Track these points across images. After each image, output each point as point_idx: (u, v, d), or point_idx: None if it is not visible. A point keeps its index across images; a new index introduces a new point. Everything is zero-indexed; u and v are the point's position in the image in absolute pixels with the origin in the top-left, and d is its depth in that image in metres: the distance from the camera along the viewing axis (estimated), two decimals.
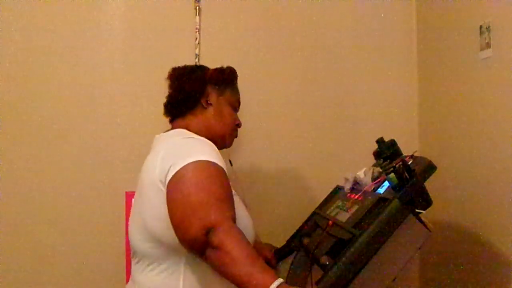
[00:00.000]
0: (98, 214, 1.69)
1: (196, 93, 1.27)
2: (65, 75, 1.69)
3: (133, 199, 1.23)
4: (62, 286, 1.66)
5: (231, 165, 1.49)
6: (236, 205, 1.10)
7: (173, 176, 1.03)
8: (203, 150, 1.09)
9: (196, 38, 1.76)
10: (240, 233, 0.97)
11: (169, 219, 1.02)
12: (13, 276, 1.63)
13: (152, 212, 1.10)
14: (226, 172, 1.09)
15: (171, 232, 1.02)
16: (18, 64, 1.67)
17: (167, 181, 1.04)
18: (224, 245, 0.93)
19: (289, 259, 1.50)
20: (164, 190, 1.05)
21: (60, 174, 1.68)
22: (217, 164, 1.06)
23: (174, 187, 1.03)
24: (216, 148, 1.14)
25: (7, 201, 1.64)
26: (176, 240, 1.02)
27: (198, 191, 1.01)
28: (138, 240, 1.14)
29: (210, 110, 1.28)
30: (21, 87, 1.67)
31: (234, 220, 1.01)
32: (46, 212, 1.66)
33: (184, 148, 1.11)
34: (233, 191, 1.16)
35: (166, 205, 1.03)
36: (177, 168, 1.03)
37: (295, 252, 1.49)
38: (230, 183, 1.11)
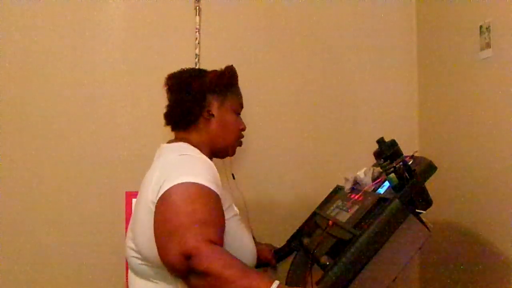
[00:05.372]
0: (98, 214, 1.69)
1: (196, 106, 1.23)
2: (65, 75, 1.69)
3: (132, 213, 1.22)
4: (62, 286, 1.66)
5: (234, 178, 1.47)
6: (235, 227, 1.09)
7: (160, 198, 1.02)
8: (194, 171, 1.06)
9: (196, 38, 1.76)
10: (222, 252, 0.95)
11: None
12: (13, 276, 1.63)
13: (142, 233, 1.08)
14: (220, 192, 1.06)
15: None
16: (18, 64, 1.67)
17: (156, 202, 1.03)
18: (211, 270, 0.91)
19: (289, 259, 1.50)
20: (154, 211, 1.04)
21: (60, 174, 1.68)
22: (204, 185, 1.03)
23: (159, 209, 1.02)
24: (212, 166, 1.12)
25: (7, 201, 1.64)
26: None
27: (179, 214, 0.98)
28: (132, 257, 1.12)
29: (213, 122, 1.24)
30: (21, 87, 1.67)
31: (214, 240, 0.96)
32: (46, 212, 1.66)
33: (175, 168, 1.08)
34: (236, 211, 1.15)
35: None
36: (164, 190, 1.01)
37: (295, 252, 1.49)
38: (232, 199, 1.09)
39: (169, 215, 0.99)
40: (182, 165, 1.10)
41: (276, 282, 0.89)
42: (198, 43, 1.76)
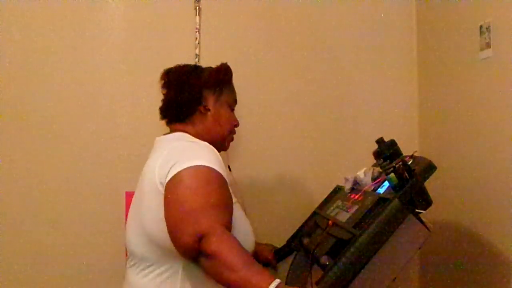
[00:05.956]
0: (98, 214, 1.69)
1: (193, 100, 1.26)
2: (65, 75, 1.69)
3: (132, 202, 1.22)
4: (62, 286, 1.66)
5: (230, 170, 1.48)
6: (236, 213, 1.10)
7: (172, 179, 1.03)
8: (204, 155, 1.08)
9: (196, 38, 1.76)
10: (233, 239, 0.97)
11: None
12: (13, 276, 1.63)
13: (150, 215, 1.09)
14: (226, 178, 1.09)
15: (168, 235, 1.02)
16: (18, 64, 1.67)
17: (165, 183, 1.04)
18: (218, 254, 0.93)
19: (289, 259, 1.50)
20: (163, 192, 1.05)
21: (60, 174, 1.68)
22: (216, 170, 1.06)
23: (171, 191, 1.03)
24: (218, 153, 1.14)
25: (7, 201, 1.64)
26: None
27: (194, 196, 1.01)
28: (136, 243, 1.13)
29: (209, 116, 1.27)
30: (21, 87, 1.67)
31: (228, 227, 1.00)
32: (46, 212, 1.66)
33: (185, 152, 1.11)
34: (234, 199, 1.16)
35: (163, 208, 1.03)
36: (176, 171, 1.03)
37: (295, 252, 1.49)
38: (230, 189, 1.11)
39: (184, 196, 1.01)
40: (192, 149, 1.13)
41: (277, 281, 0.89)
42: (198, 43, 1.76)
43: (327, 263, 1.07)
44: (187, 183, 1.02)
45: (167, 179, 1.04)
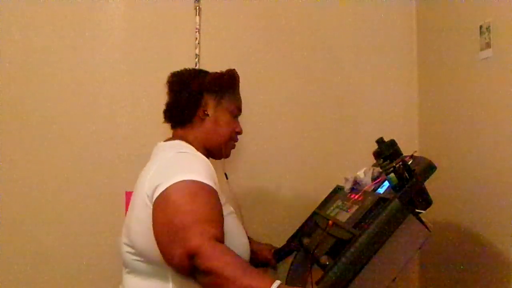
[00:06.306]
0: (98, 214, 1.69)
1: (192, 105, 1.25)
2: (65, 75, 1.69)
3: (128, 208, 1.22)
4: (62, 286, 1.66)
5: (227, 178, 1.47)
6: (229, 224, 1.10)
7: (159, 196, 1.02)
8: (192, 168, 1.08)
9: (196, 38, 1.76)
10: (225, 251, 0.96)
11: (153, 236, 1.02)
12: (13, 276, 1.63)
13: (138, 227, 1.09)
14: (217, 189, 1.08)
15: (154, 248, 1.02)
16: (18, 64, 1.67)
17: (153, 199, 1.04)
18: (212, 269, 0.92)
19: (289, 259, 1.50)
20: (150, 206, 1.04)
21: (60, 174, 1.68)
22: (203, 183, 1.04)
23: (159, 209, 1.02)
24: (209, 164, 1.13)
25: (7, 201, 1.64)
26: (160, 256, 1.02)
27: (180, 215, 0.99)
28: (126, 252, 1.14)
29: (208, 121, 1.26)
30: (21, 87, 1.67)
31: (219, 238, 0.98)
32: (46, 212, 1.67)
33: (173, 166, 1.10)
34: (231, 209, 1.16)
35: (151, 222, 1.03)
36: (163, 188, 1.02)
37: (295, 252, 1.49)
38: (226, 198, 1.10)
39: (170, 215, 1.00)
40: (180, 162, 1.12)
41: (277, 282, 0.89)
42: (198, 43, 1.76)
43: (327, 263, 1.07)
44: (172, 201, 1.01)
45: (154, 197, 1.03)
